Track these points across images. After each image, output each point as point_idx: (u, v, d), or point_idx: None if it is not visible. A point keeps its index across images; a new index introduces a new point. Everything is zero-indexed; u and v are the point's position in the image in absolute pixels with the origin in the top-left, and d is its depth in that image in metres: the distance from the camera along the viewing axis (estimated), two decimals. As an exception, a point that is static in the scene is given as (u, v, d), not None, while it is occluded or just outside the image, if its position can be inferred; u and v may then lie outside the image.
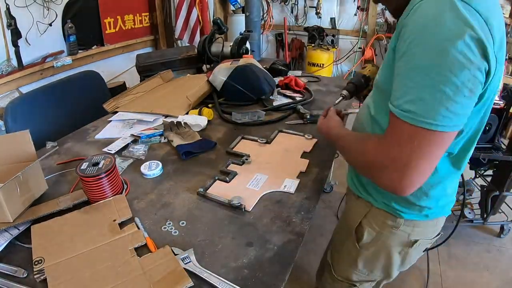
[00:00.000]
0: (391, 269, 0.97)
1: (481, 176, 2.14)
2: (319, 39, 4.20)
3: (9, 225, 0.80)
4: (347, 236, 0.99)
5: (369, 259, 0.96)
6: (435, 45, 0.55)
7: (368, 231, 0.92)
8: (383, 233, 0.89)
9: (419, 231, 0.87)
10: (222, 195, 0.95)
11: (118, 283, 0.68)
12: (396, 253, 0.92)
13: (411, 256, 0.93)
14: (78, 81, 1.77)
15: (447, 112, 0.56)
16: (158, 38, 3.69)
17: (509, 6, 3.56)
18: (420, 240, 0.89)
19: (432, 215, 0.86)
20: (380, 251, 0.93)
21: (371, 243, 0.93)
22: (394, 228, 0.87)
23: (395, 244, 0.90)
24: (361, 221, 0.93)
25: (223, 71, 1.59)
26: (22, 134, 0.96)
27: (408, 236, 0.88)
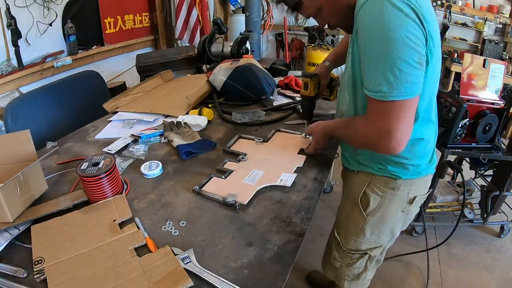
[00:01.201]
0: (396, 229, 1.09)
1: (481, 176, 2.14)
2: (319, 39, 4.20)
3: (9, 225, 0.80)
4: (353, 208, 1.08)
5: (376, 225, 1.06)
6: (383, 37, 0.72)
7: (373, 197, 1.02)
8: (386, 196, 1.01)
9: (415, 188, 1.02)
10: (218, 192, 0.95)
11: (118, 283, 0.68)
12: (400, 212, 1.04)
13: (411, 212, 1.07)
14: (78, 81, 1.77)
15: (407, 84, 0.73)
16: (158, 38, 3.69)
17: (509, 6, 3.56)
18: (418, 196, 1.03)
19: (423, 171, 1.00)
20: (386, 214, 1.04)
21: (377, 208, 1.03)
22: (396, 189, 1.00)
23: (398, 203, 1.03)
24: (364, 190, 1.03)
25: (223, 71, 1.59)
26: (22, 134, 0.96)
27: (407, 194, 1.01)
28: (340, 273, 1.20)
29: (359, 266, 1.15)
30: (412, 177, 0.99)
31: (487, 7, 3.67)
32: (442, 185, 2.28)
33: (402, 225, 1.10)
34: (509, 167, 1.89)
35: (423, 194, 1.06)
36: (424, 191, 1.06)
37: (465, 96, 1.76)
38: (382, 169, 0.99)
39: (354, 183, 1.08)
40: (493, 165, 2.02)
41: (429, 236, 2.10)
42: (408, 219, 1.10)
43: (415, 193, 1.02)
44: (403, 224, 1.11)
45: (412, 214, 1.09)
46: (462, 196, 1.94)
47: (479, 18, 3.70)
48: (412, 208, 1.06)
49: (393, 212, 1.04)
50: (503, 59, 3.55)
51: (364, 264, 1.14)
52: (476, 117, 1.76)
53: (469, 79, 1.78)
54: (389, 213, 1.04)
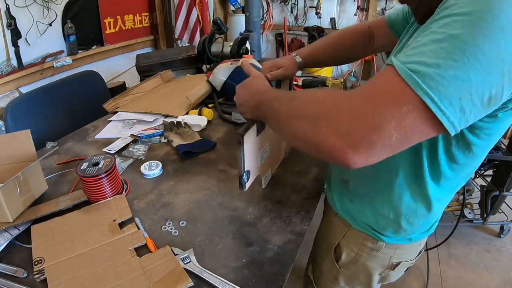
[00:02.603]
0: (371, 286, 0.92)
1: (481, 176, 2.14)
2: (319, 39, 4.20)
3: (9, 225, 0.80)
4: (327, 254, 0.94)
5: (350, 277, 0.92)
6: (490, 29, 0.42)
7: (347, 252, 0.87)
8: (362, 255, 0.85)
9: (401, 253, 0.83)
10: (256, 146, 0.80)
11: (118, 283, 0.68)
12: (376, 274, 0.88)
13: (392, 276, 0.90)
14: (78, 81, 1.77)
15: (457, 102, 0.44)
16: (158, 38, 3.68)
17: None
18: (402, 262, 0.85)
19: (416, 238, 0.82)
20: (360, 271, 0.89)
21: (351, 263, 0.89)
22: (374, 251, 0.82)
23: (375, 266, 0.86)
24: (339, 242, 0.88)
25: (223, 71, 1.59)
26: (22, 134, 0.96)
27: (389, 259, 0.84)
28: None
29: None
30: (398, 242, 0.80)
31: (487, 7, 3.67)
32: (442, 185, 2.28)
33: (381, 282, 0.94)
34: (509, 167, 1.89)
35: (410, 260, 0.87)
36: (413, 256, 0.87)
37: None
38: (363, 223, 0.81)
39: (331, 227, 0.92)
40: (493, 165, 2.02)
41: (429, 236, 2.10)
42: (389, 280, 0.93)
43: (399, 258, 0.84)
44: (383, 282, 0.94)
45: (393, 278, 0.92)
46: (462, 196, 1.94)
47: (479, 18, 3.70)
48: (393, 274, 0.89)
49: (367, 273, 0.88)
50: (503, 59, 3.55)
51: None
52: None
53: (469, 79, 1.78)
54: (364, 272, 0.88)
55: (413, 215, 0.75)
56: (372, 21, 1.01)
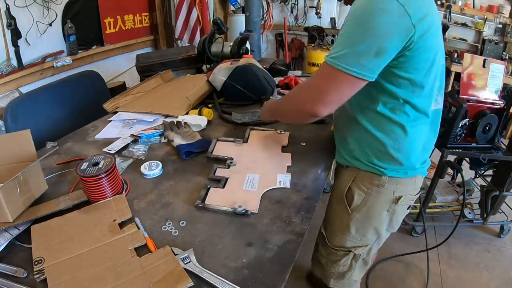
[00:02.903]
0: (381, 229, 1.08)
1: (481, 176, 2.14)
2: (319, 39, 4.20)
3: (9, 225, 0.80)
4: (338, 204, 1.09)
5: (360, 222, 1.06)
6: (359, 17, 0.79)
7: (358, 193, 1.03)
8: (371, 193, 1.01)
9: (402, 188, 1.01)
10: (222, 203, 0.92)
11: (118, 283, 0.68)
12: (385, 211, 1.04)
13: (398, 213, 1.06)
14: (78, 81, 1.77)
15: (357, 63, 0.79)
16: (158, 38, 3.69)
17: (509, 6, 3.56)
18: (404, 196, 1.01)
19: (410, 172, 0.99)
20: (370, 211, 1.03)
21: (361, 204, 1.03)
22: (380, 187, 1.00)
23: (382, 201, 1.02)
24: (350, 186, 1.04)
25: (223, 71, 1.59)
26: (23, 133, 0.96)
27: (393, 193, 1.01)
28: (326, 270, 1.21)
29: (344, 264, 1.15)
30: (398, 175, 0.99)
31: (487, 7, 3.67)
32: (442, 185, 2.29)
33: (389, 226, 1.09)
34: (509, 167, 1.89)
35: (411, 195, 1.04)
36: (413, 192, 1.04)
37: (465, 96, 1.76)
38: (367, 164, 1.00)
39: (341, 178, 1.09)
40: (493, 165, 2.02)
41: (429, 236, 2.11)
42: (396, 221, 1.09)
43: (401, 192, 1.01)
44: (390, 225, 1.09)
45: (399, 215, 1.07)
46: (462, 196, 1.94)
47: (479, 18, 3.70)
48: (398, 208, 1.04)
49: (377, 210, 1.04)
50: (503, 59, 3.55)
51: (349, 263, 1.14)
52: (476, 117, 1.77)
53: (469, 79, 1.78)
54: (373, 211, 1.04)
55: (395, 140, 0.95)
56: None
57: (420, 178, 1.04)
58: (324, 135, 1.31)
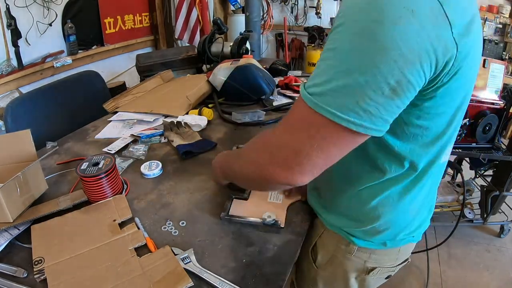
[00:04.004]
0: None
1: (481, 176, 2.14)
2: (319, 39, 4.20)
3: (9, 225, 0.80)
4: (306, 255, 0.92)
5: (327, 280, 0.90)
6: (362, 26, 0.45)
7: (322, 253, 0.86)
8: (337, 256, 0.82)
9: (377, 258, 0.79)
10: (248, 214, 0.87)
11: (118, 283, 0.68)
12: (353, 278, 0.85)
13: (370, 282, 0.86)
14: (78, 81, 1.77)
15: (355, 106, 0.46)
16: (158, 38, 3.69)
17: (509, 6, 3.56)
18: (379, 268, 0.80)
19: (391, 243, 0.75)
20: (337, 273, 0.85)
21: (327, 264, 0.86)
22: (348, 254, 0.79)
23: (350, 269, 0.83)
24: (316, 242, 0.87)
25: (223, 71, 1.59)
26: (23, 133, 0.96)
27: (364, 262, 0.80)
28: None
29: None
30: (371, 246, 0.76)
31: (487, 7, 3.67)
32: (442, 185, 2.28)
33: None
34: (509, 167, 1.89)
35: (391, 266, 0.82)
36: (393, 263, 0.82)
37: (465, 96, 1.76)
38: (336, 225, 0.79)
39: (312, 227, 0.90)
40: (493, 165, 2.02)
41: (429, 236, 2.11)
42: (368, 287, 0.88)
43: (375, 263, 0.80)
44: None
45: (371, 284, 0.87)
46: (462, 196, 1.94)
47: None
48: (369, 279, 0.83)
49: (344, 276, 0.85)
50: (503, 59, 3.55)
51: None
52: (476, 117, 1.76)
53: (469, 79, 1.78)
54: (340, 275, 0.85)
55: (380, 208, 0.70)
56: None
57: (407, 247, 0.80)
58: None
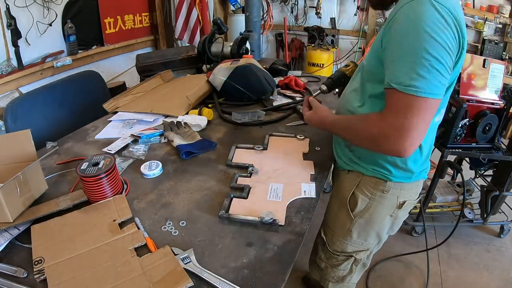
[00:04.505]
0: (382, 233, 1.08)
1: (481, 176, 2.13)
2: (319, 39, 4.20)
3: (9, 225, 0.80)
4: (340, 209, 1.07)
5: (363, 227, 1.05)
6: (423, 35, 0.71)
7: (362, 198, 1.01)
8: (375, 198, 1.00)
9: (405, 193, 1.00)
10: (246, 213, 0.88)
11: (118, 283, 0.68)
12: (388, 216, 1.03)
13: (399, 218, 1.06)
14: (78, 81, 1.77)
15: (439, 84, 0.73)
16: (158, 38, 3.69)
17: (509, 6, 3.56)
18: (407, 201, 1.01)
19: (414, 177, 0.98)
20: (373, 216, 1.02)
21: (365, 210, 1.02)
22: (385, 192, 0.98)
23: (386, 207, 1.01)
24: (353, 191, 1.02)
25: (223, 71, 1.59)
26: (23, 133, 0.96)
27: (397, 198, 1.00)
28: (325, 274, 1.19)
29: (344, 268, 1.14)
30: (402, 180, 0.98)
31: (487, 7, 3.66)
32: (442, 185, 2.28)
33: (390, 229, 1.09)
34: (509, 167, 1.89)
35: (414, 200, 1.04)
36: (415, 196, 1.04)
37: (465, 96, 1.76)
38: (373, 169, 0.98)
39: (343, 182, 1.07)
40: (493, 165, 2.02)
41: (429, 236, 2.11)
42: (396, 224, 1.08)
43: (405, 197, 1.01)
44: (391, 229, 1.09)
45: (400, 219, 1.07)
46: (462, 196, 1.94)
47: (479, 18, 3.70)
48: (400, 213, 1.04)
49: (381, 216, 1.03)
50: (503, 59, 3.54)
51: (349, 267, 1.13)
52: (476, 117, 1.76)
53: (469, 79, 1.78)
54: (377, 216, 1.02)
55: None
56: None
57: (421, 182, 1.04)
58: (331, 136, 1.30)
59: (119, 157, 1.16)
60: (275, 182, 1.01)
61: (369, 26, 4.09)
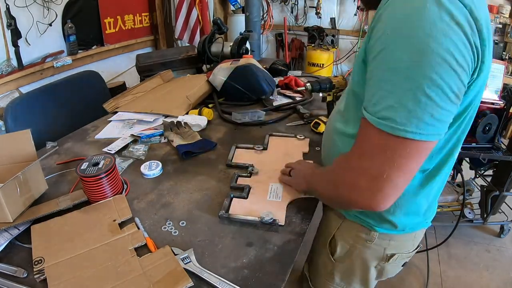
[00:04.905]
0: (368, 283, 0.92)
1: (481, 176, 2.14)
2: (319, 39, 4.20)
3: (9, 225, 0.80)
4: (322, 249, 0.95)
5: (345, 272, 0.92)
6: (416, 42, 0.48)
7: (342, 244, 0.88)
8: (356, 247, 0.85)
9: (396, 245, 0.82)
10: (246, 213, 0.88)
11: (118, 283, 0.68)
12: (372, 267, 0.88)
13: (388, 270, 0.89)
14: (78, 81, 1.77)
15: (431, 120, 0.50)
16: (158, 38, 3.69)
17: (509, 6, 3.56)
18: (398, 254, 0.84)
19: (410, 229, 0.81)
20: (355, 265, 0.88)
21: (345, 256, 0.88)
22: (368, 242, 0.82)
23: (370, 258, 0.85)
24: (334, 234, 0.89)
25: (223, 71, 1.59)
26: (23, 133, 0.96)
27: (384, 250, 0.83)
28: None
29: None
30: (392, 232, 0.80)
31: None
32: (442, 185, 2.28)
33: (378, 278, 0.93)
34: (509, 167, 1.89)
35: (408, 252, 0.86)
36: (410, 248, 0.86)
37: (465, 96, 1.76)
38: (357, 216, 0.82)
39: (327, 220, 0.94)
40: (493, 165, 2.02)
41: (429, 236, 2.11)
42: (385, 275, 0.92)
43: (394, 250, 0.83)
44: (380, 278, 0.93)
45: (389, 272, 0.90)
46: (462, 196, 1.94)
47: (479, 18, 3.70)
48: (388, 266, 0.87)
49: (363, 266, 0.88)
50: (503, 59, 3.54)
51: None
52: (476, 117, 1.76)
53: (469, 79, 1.78)
54: (358, 265, 0.88)
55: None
56: None
57: (422, 232, 0.86)
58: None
59: (119, 157, 1.16)
60: (275, 182, 1.01)
61: (369, 26, 4.08)
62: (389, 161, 0.54)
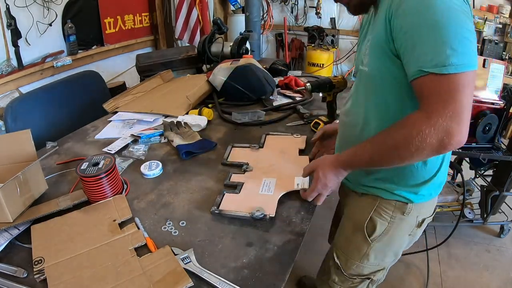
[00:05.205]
0: (400, 252, 1.05)
1: (481, 176, 2.13)
2: (319, 39, 4.20)
3: (9, 225, 0.80)
4: (355, 233, 1.01)
5: (380, 250, 1.00)
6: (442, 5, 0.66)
7: (380, 223, 0.95)
8: (395, 222, 0.95)
9: (425, 211, 0.97)
10: (238, 208, 0.89)
11: (118, 283, 0.68)
12: (407, 235, 1.00)
13: (417, 235, 1.03)
14: (78, 81, 1.77)
15: (474, 53, 0.67)
16: (158, 38, 3.69)
17: (509, 6, 3.56)
18: (426, 218, 0.98)
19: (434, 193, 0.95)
20: (392, 238, 0.98)
21: (383, 233, 0.97)
22: (406, 214, 0.93)
23: (406, 228, 0.97)
24: (371, 216, 0.96)
25: (223, 71, 1.59)
26: (23, 133, 0.96)
27: (416, 218, 0.96)
28: None
29: None
30: (423, 200, 0.93)
31: (487, 7, 3.66)
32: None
33: (407, 246, 1.07)
34: (509, 167, 1.89)
35: (430, 216, 1.01)
36: (432, 212, 1.01)
37: (465, 96, 1.76)
38: (393, 192, 0.91)
39: (357, 206, 1.01)
40: (493, 165, 2.02)
41: (429, 236, 2.10)
42: (413, 241, 1.05)
43: (424, 215, 0.97)
44: (408, 245, 1.07)
45: (417, 236, 1.04)
46: (462, 196, 1.94)
47: (479, 18, 3.70)
48: (418, 231, 1.01)
49: (400, 237, 0.99)
50: (503, 59, 3.54)
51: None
52: (476, 117, 1.76)
53: (469, 79, 1.78)
54: (395, 238, 0.98)
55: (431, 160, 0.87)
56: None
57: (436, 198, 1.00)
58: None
59: (119, 157, 1.16)
60: (269, 177, 1.02)
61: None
62: (463, 93, 0.65)
